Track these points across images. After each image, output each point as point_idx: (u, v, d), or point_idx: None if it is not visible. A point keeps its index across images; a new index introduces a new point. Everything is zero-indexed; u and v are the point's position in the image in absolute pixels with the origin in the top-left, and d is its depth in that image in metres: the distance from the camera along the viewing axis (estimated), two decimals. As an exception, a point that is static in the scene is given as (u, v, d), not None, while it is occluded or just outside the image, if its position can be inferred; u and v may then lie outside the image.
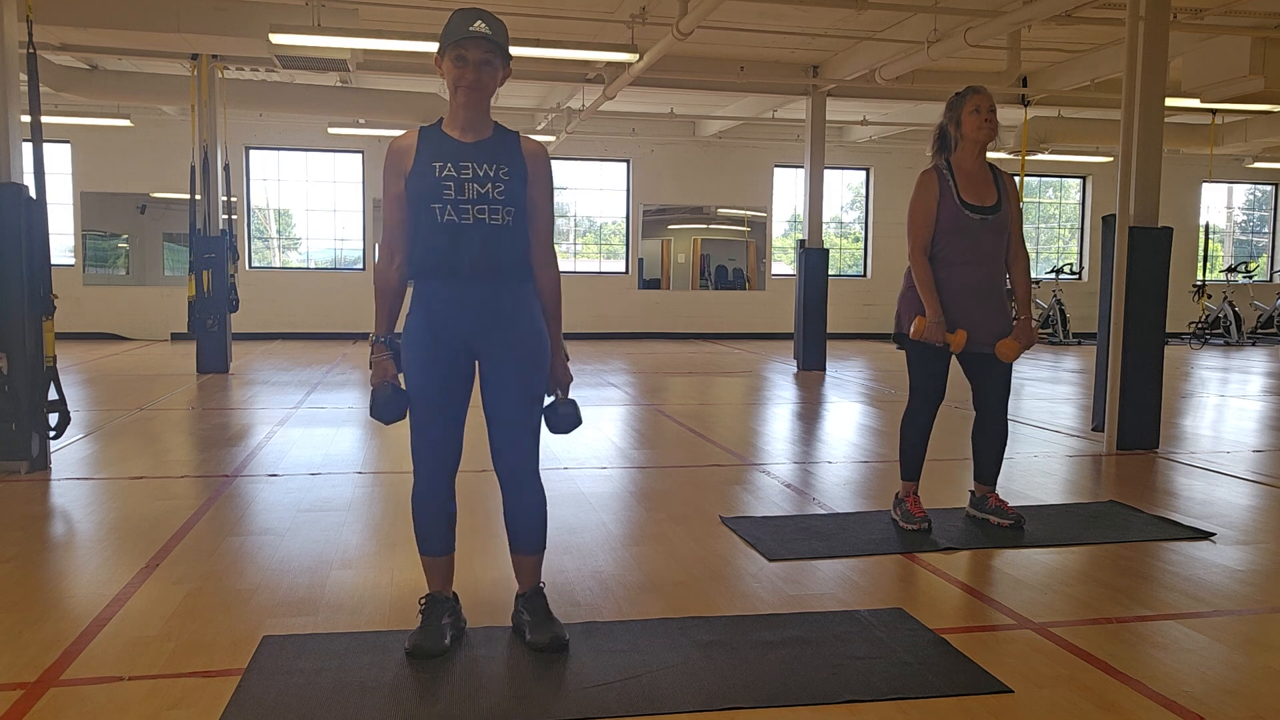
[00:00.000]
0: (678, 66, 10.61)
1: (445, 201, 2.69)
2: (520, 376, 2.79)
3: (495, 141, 2.79)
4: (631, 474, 5.44)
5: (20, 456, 5.19)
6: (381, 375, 2.80)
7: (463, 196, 2.69)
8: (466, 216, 2.69)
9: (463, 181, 2.69)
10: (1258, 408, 8.62)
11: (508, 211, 2.72)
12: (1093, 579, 3.64)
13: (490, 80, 2.73)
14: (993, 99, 4.09)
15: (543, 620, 2.91)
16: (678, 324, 16.33)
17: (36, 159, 5.24)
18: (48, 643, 2.90)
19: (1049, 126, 13.45)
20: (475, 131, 2.77)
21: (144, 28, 8.43)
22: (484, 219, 2.70)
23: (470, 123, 2.76)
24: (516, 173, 2.75)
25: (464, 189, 2.69)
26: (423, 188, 2.70)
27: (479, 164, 2.72)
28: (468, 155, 2.73)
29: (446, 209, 2.69)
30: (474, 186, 2.70)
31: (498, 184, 2.71)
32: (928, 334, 4.04)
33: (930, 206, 4.07)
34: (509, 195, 2.72)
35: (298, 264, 15.92)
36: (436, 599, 2.92)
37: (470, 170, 2.70)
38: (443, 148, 2.74)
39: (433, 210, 2.69)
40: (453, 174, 2.69)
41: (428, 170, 2.70)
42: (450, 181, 2.69)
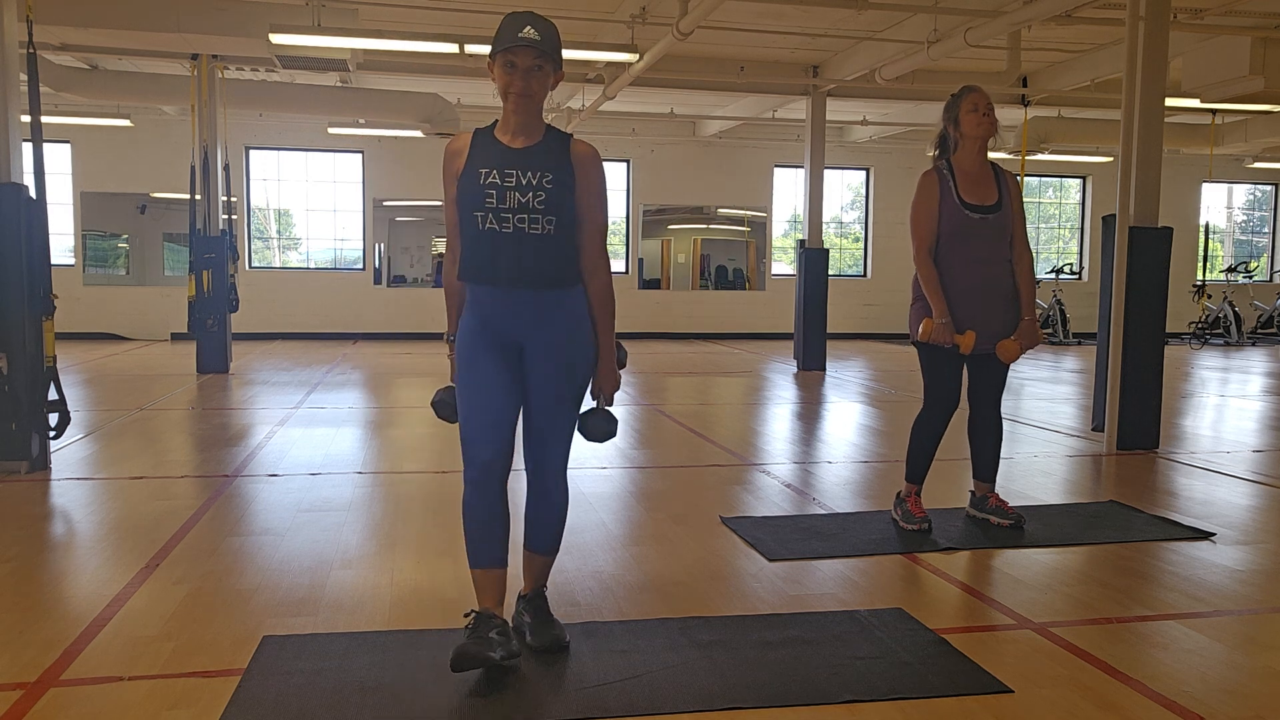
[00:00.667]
0: (678, 66, 10.61)
1: (487, 209, 2.66)
2: (553, 376, 2.77)
3: (544, 147, 2.74)
4: (631, 474, 5.44)
5: (20, 456, 5.19)
6: (453, 375, 2.84)
7: (504, 205, 2.65)
8: (506, 225, 2.66)
9: (505, 190, 2.65)
10: (1258, 408, 8.62)
11: (548, 221, 2.67)
12: (1093, 579, 3.64)
13: (540, 86, 2.70)
14: (989, 97, 4.10)
15: (544, 622, 2.91)
16: (678, 324, 16.33)
17: (36, 159, 5.24)
18: (48, 643, 2.90)
19: (1049, 126, 13.44)
20: (526, 136, 2.73)
21: (144, 28, 8.43)
22: (524, 229, 2.66)
23: (521, 127, 2.73)
24: (562, 180, 2.70)
25: (506, 197, 2.65)
26: (468, 194, 2.68)
27: (524, 171, 2.67)
28: (514, 162, 2.69)
29: (488, 217, 2.66)
30: (515, 195, 2.65)
31: (539, 193, 2.66)
32: (936, 335, 4.04)
33: (932, 208, 4.07)
34: (550, 204, 2.67)
35: (298, 264, 15.92)
36: (485, 616, 2.73)
37: (514, 178, 2.66)
38: (491, 152, 2.71)
39: (475, 217, 2.67)
40: (496, 181, 2.66)
41: (474, 176, 2.68)
42: (493, 189, 2.66)
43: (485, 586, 2.80)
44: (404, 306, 15.40)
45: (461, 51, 8.46)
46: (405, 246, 15.64)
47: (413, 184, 15.26)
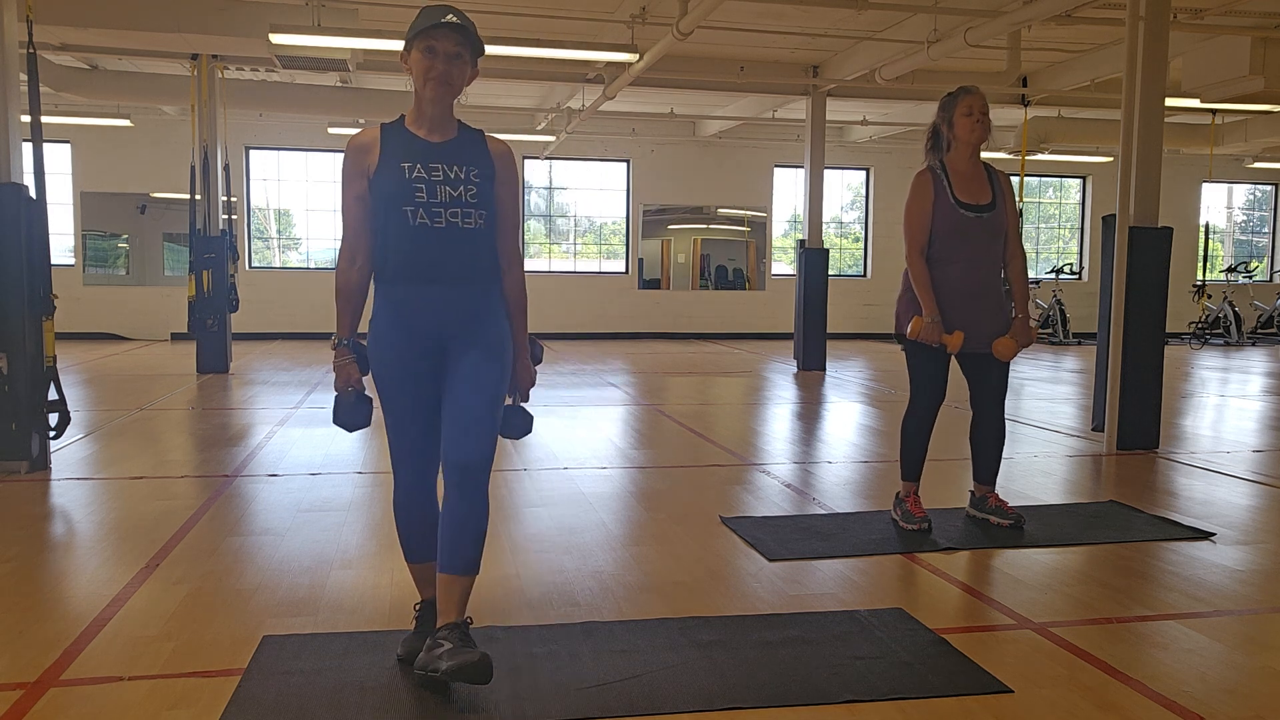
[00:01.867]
0: (678, 66, 10.61)
1: (418, 204, 2.59)
2: (481, 370, 2.67)
3: (463, 141, 2.71)
4: (631, 474, 5.44)
5: (20, 456, 5.19)
6: (345, 380, 2.71)
7: (435, 199, 2.60)
8: (439, 220, 2.60)
9: (434, 184, 2.60)
10: (1258, 408, 8.62)
11: (480, 214, 2.64)
12: (1093, 579, 3.64)
13: (459, 75, 2.64)
14: (985, 99, 4.08)
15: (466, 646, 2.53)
16: (678, 324, 16.33)
17: (36, 159, 5.24)
18: (48, 643, 2.90)
19: (1049, 126, 13.44)
20: (442, 131, 2.69)
21: (144, 28, 8.43)
22: (456, 223, 2.61)
23: (437, 121, 2.67)
24: (486, 173, 2.67)
25: (436, 191, 2.60)
26: (392, 189, 2.60)
27: (449, 165, 2.63)
28: (437, 156, 2.64)
29: (419, 211, 2.59)
30: (446, 189, 2.61)
31: (470, 186, 2.63)
32: (924, 334, 4.05)
33: (925, 207, 4.08)
34: (481, 198, 2.64)
35: (298, 264, 15.92)
36: (431, 605, 2.83)
37: (441, 172, 2.61)
38: (410, 147, 2.64)
39: (404, 213, 2.59)
40: (424, 175, 2.60)
41: (396, 170, 2.60)
42: (421, 183, 2.59)
43: (423, 578, 2.87)
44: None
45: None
46: (405, 246, 15.61)
47: (413, 184, 15.22)
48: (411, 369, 2.68)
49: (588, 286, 16.16)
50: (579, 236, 16.64)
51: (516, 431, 2.86)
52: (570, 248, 16.63)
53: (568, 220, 16.64)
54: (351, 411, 2.73)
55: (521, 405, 2.88)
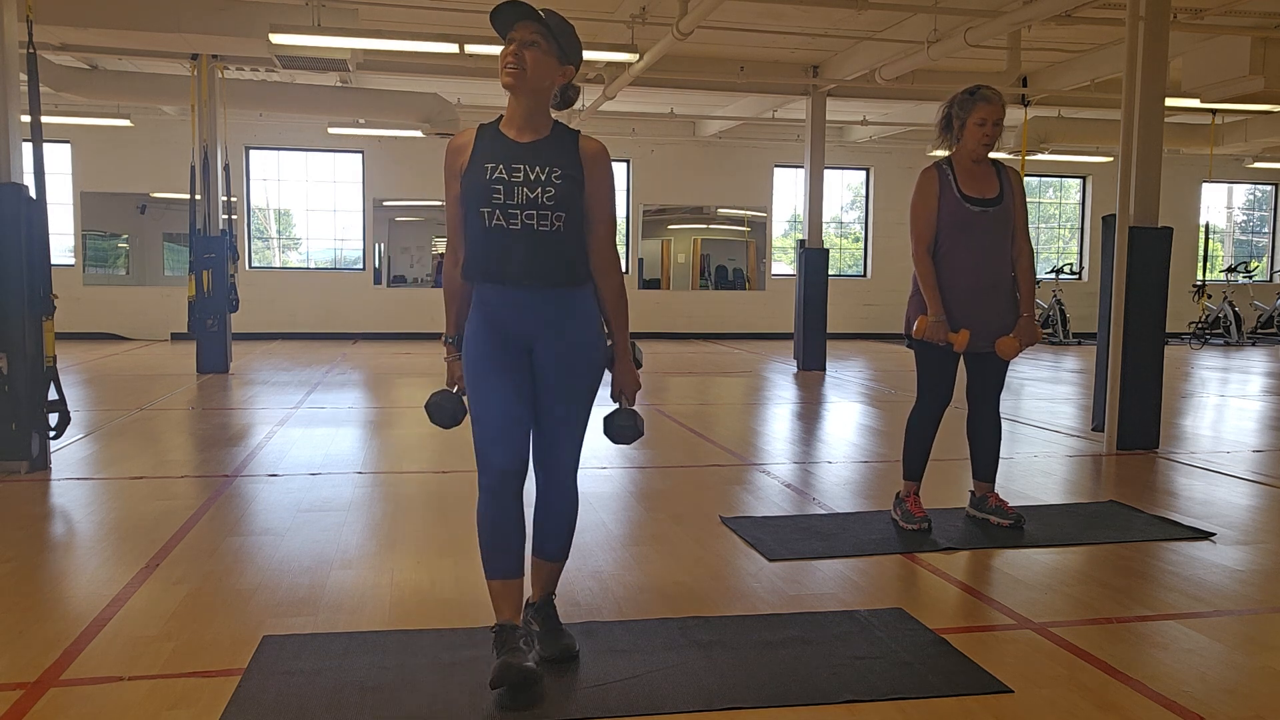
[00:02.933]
0: (678, 66, 10.61)
1: (494, 206, 2.57)
2: (565, 377, 2.68)
3: (552, 141, 2.65)
4: (631, 474, 5.44)
5: (20, 456, 5.19)
6: (451, 378, 2.77)
7: (511, 201, 2.57)
8: (514, 222, 2.57)
9: (513, 185, 2.57)
10: (1258, 408, 8.62)
11: (557, 217, 2.59)
12: (1093, 579, 3.64)
13: (538, 64, 2.58)
14: (1003, 106, 4.02)
15: (553, 630, 2.84)
16: (678, 324, 16.33)
17: (36, 159, 5.24)
18: (48, 643, 2.90)
19: (1049, 126, 13.44)
20: (532, 130, 2.64)
21: (144, 28, 8.43)
22: (532, 225, 2.57)
23: (526, 119, 2.63)
24: (571, 175, 2.61)
25: (513, 193, 2.57)
26: (473, 190, 2.59)
27: (531, 166, 2.58)
28: (521, 156, 2.60)
29: (495, 214, 2.57)
30: (523, 191, 2.57)
31: (548, 188, 2.58)
32: (929, 333, 4.04)
33: (930, 204, 4.06)
34: (559, 200, 2.58)
35: (298, 264, 15.92)
36: (507, 629, 2.64)
37: (522, 173, 2.58)
38: (496, 147, 2.62)
39: (481, 214, 2.58)
40: (503, 176, 2.57)
41: (479, 171, 2.59)
42: (500, 185, 2.57)
43: (504, 597, 2.68)
44: (404, 306, 15.40)
45: (461, 51, 8.45)
46: (405, 246, 15.64)
47: (413, 184, 15.26)
48: (498, 362, 2.65)
49: (588, 286, 16.14)
50: (579, 236, 16.61)
51: (626, 436, 2.82)
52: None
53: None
54: (438, 408, 2.74)
55: (631, 409, 2.84)
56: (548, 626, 2.85)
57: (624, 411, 2.83)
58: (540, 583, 2.90)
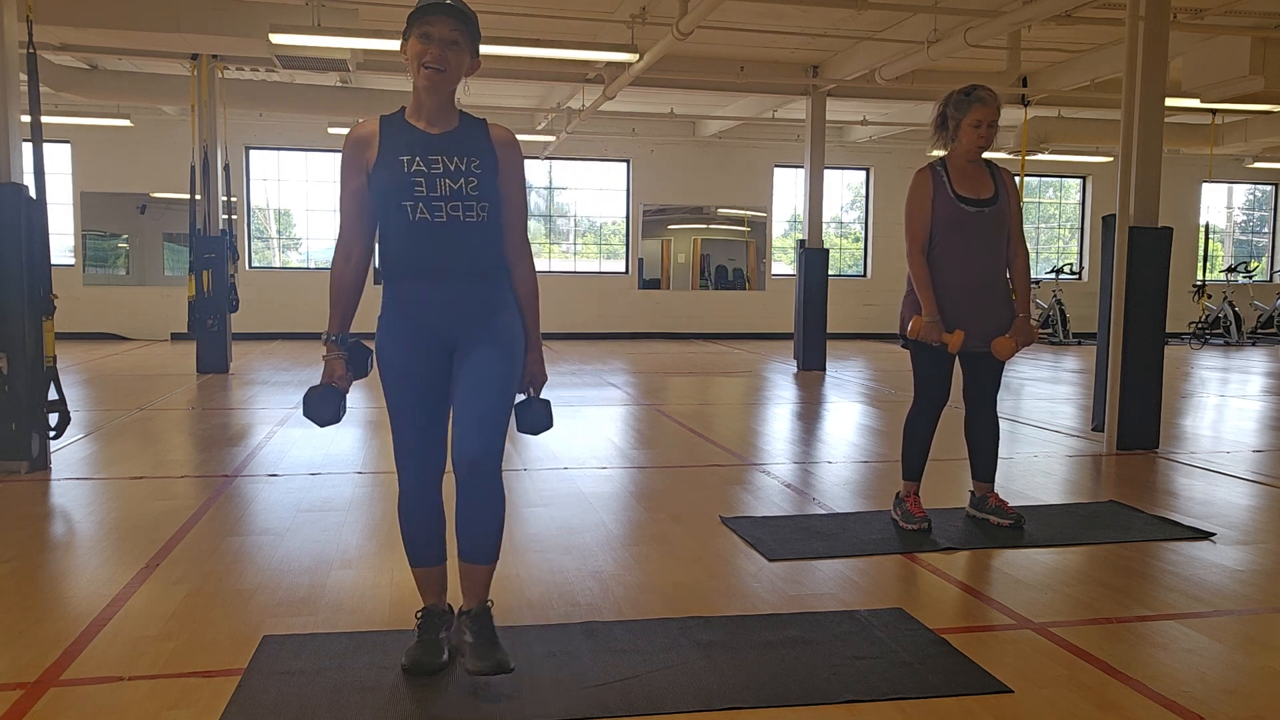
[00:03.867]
0: (678, 66, 10.61)
1: (417, 199, 2.52)
2: (491, 364, 2.61)
3: (464, 132, 2.62)
4: (631, 474, 5.44)
5: (20, 456, 5.19)
6: (329, 376, 2.67)
7: (435, 193, 2.53)
8: (440, 214, 2.53)
9: (434, 177, 2.52)
10: (1258, 408, 8.62)
11: (482, 207, 2.57)
12: (1093, 579, 3.64)
13: (457, 62, 2.55)
14: (998, 108, 4.03)
15: (488, 643, 2.63)
16: (678, 324, 16.33)
17: (36, 159, 5.24)
18: (48, 643, 2.90)
19: (1049, 126, 13.44)
20: (442, 122, 2.61)
21: (144, 28, 8.43)
22: (458, 216, 2.54)
23: (436, 112, 2.60)
24: (488, 164, 2.59)
25: (436, 185, 2.53)
26: (390, 183, 2.53)
27: (449, 157, 2.55)
28: (437, 148, 2.56)
29: (419, 206, 2.53)
30: (446, 182, 2.53)
31: (470, 178, 2.55)
32: (924, 334, 4.04)
33: (925, 205, 4.07)
34: (483, 190, 2.56)
35: (298, 264, 15.92)
36: (433, 612, 2.79)
37: (441, 164, 2.53)
38: (409, 139, 2.57)
39: (403, 208, 2.53)
40: (422, 168, 2.52)
41: (394, 164, 2.53)
42: (420, 177, 2.52)
43: (428, 583, 2.82)
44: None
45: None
46: (405, 246, 15.62)
47: (413, 184, 15.23)
48: (418, 368, 2.64)
49: (588, 286, 16.16)
50: (579, 236, 16.64)
51: (538, 425, 2.78)
52: (570, 248, 16.63)
53: (568, 220, 16.64)
54: (320, 404, 2.65)
55: (541, 398, 2.81)
56: (483, 638, 2.64)
57: (536, 401, 2.80)
58: (473, 590, 2.71)
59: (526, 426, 2.79)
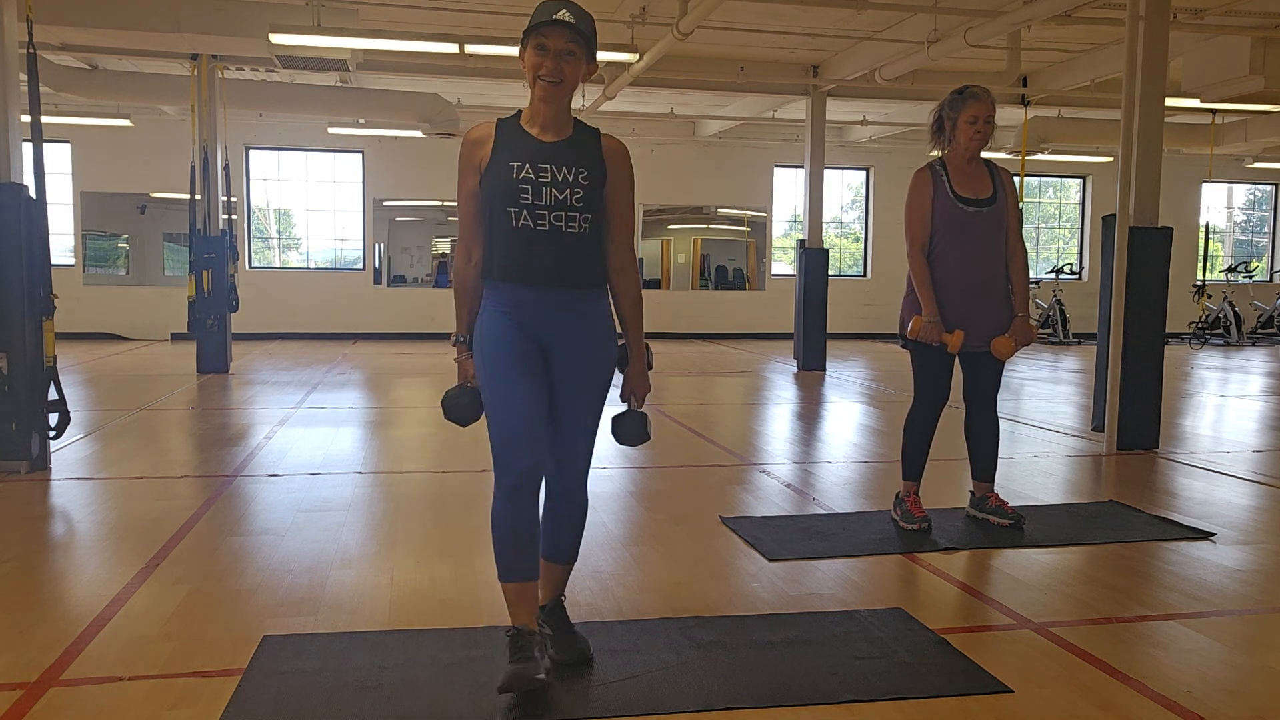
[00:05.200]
0: (678, 66, 10.61)
1: (522, 205, 2.54)
2: (583, 378, 2.66)
3: (576, 141, 2.63)
4: (631, 474, 5.44)
5: (20, 456, 5.19)
6: (463, 376, 2.70)
7: (540, 201, 2.54)
8: (542, 223, 2.55)
9: (541, 185, 2.54)
10: (1258, 408, 8.62)
11: (585, 219, 2.58)
12: (1093, 579, 3.64)
13: (572, 73, 2.56)
14: (993, 104, 4.05)
15: (566, 634, 2.81)
16: (678, 324, 16.33)
17: (36, 159, 5.23)
18: (48, 643, 2.90)
19: (1049, 126, 13.44)
20: (556, 130, 2.61)
21: (144, 28, 8.43)
22: (560, 226, 2.56)
23: (551, 120, 2.61)
24: (596, 176, 2.60)
25: (542, 193, 2.54)
26: (498, 188, 2.55)
27: (559, 167, 2.56)
28: (547, 156, 2.57)
29: (523, 214, 2.54)
30: (552, 192, 2.55)
31: (576, 190, 2.56)
32: (924, 334, 4.05)
33: (924, 204, 4.08)
34: (588, 202, 2.58)
35: (298, 264, 15.92)
36: (525, 633, 2.59)
37: (549, 174, 2.55)
38: (521, 145, 2.59)
39: (508, 213, 2.55)
40: (530, 176, 2.54)
41: (504, 169, 2.55)
42: (528, 184, 2.54)
43: (520, 601, 2.61)
44: (404, 306, 15.40)
45: (461, 51, 8.45)
46: (405, 247, 15.65)
47: (413, 184, 15.26)
48: (521, 348, 2.60)
49: (588, 286, 16.15)
50: (579, 236, 16.62)
51: (635, 437, 2.77)
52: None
53: (568, 220, 16.63)
54: (456, 405, 2.67)
55: (641, 412, 2.80)
56: (561, 629, 2.82)
57: (634, 414, 2.79)
58: (550, 585, 2.85)
59: (624, 438, 2.79)
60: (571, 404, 2.68)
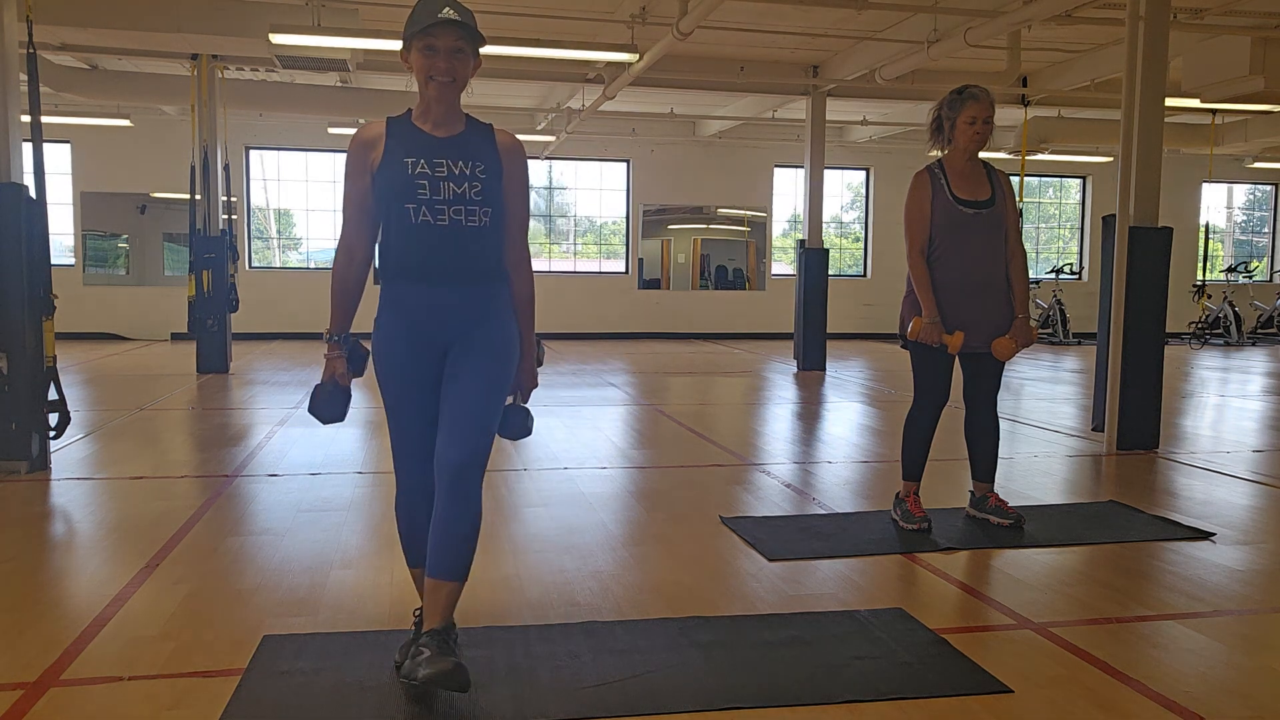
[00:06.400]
0: (678, 66, 10.61)
1: (420, 201, 2.53)
2: (483, 369, 2.62)
3: (469, 136, 2.63)
4: (631, 474, 5.44)
5: (20, 456, 5.19)
6: (331, 374, 2.69)
7: (438, 196, 2.53)
8: (442, 218, 2.54)
9: (438, 180, 2.53)
10: (1258, 408, 8.62)
11: (485, 212, 2.57)
12: (1093, 579, 3.64)
13: (463, 70, 2.57)
14: (992, 104, 4.05)
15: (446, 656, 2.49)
16: (678, 324, 16.33)
17: (36, 159, 5.24)
18: (48, 643, 2.90)
19: (1049, 126, 13.44)
20: (448, 126, 2.61)
21: (144, 28, 8.43)
22: (460, 220, 2.55)
23: (443, 117, 2.60)
24: (493, 170, 2.60)
25: (439, 188, 2.53)
26: (394, 185, 2.54)
27: (454, 161, 2.55)
28: (442, 151, 2.57)
29: (421, 210, 2.53)
30: (450, 186, 2.54)
31: (474, 183, 2.55)
32: (924, 335, 4.05)
33: (923, 206, 4.09)
34: (486, 195, 2.57)
35: (298, 264, 15.92)
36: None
37: (445, 168, 2.54)
38: (415, 142, 2.57)
39: (405, 210, 2.53)
40: (426, 171, 2.53)
41: (399, 166, 2.54)
42: (424, 180, 2.53)
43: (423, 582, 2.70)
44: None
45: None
46: (405, 246, 15.62)
47: (413, 184, 15.23)
48: (414, 367, 2.63)
49: (588, 286, 16.16)
50: (579, 236, 16.65)
51: (516, 432, 2.79)
52: (570, 248, 16.63)
53: (568, 220, 16.64)
54: (327, 402, 2.69)
55: (523, 405, 2.82)
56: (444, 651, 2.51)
57: (518, 409, 2.80)
58: (439, 608, 2.58)
59: (507, 432, 2.78)
60: (472, 402, 2.60)
